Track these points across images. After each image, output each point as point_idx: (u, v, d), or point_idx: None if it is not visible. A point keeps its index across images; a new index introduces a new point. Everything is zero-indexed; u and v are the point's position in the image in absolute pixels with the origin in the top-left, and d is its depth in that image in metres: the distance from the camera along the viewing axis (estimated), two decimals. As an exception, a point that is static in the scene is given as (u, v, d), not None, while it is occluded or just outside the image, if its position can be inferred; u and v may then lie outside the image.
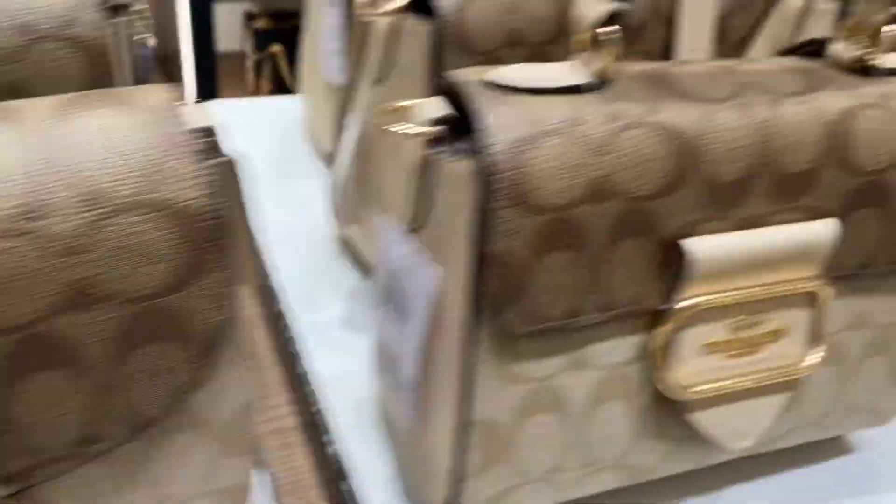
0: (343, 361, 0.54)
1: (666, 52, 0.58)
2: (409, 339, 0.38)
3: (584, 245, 0.36)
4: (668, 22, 0.57)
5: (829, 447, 0.52)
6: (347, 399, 0.52)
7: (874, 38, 0.40)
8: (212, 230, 0.28)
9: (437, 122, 0.34)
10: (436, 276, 0.36)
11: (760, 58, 0.41)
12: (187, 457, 0.33)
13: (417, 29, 0.49)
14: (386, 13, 0.48)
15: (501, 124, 0.34)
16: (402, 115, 0.36)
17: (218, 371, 0.32)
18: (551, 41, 0.52)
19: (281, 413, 0.61)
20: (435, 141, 0.34)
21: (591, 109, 0.35)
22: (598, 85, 0.36)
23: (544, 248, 0.35)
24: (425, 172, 0.35)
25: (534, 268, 0.35)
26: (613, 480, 0.42)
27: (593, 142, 0.35)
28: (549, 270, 0.35)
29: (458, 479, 0.39)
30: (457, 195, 0.35)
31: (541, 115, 0.34)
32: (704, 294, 0.38)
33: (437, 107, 0.35)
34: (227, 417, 0.33)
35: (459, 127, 0.35)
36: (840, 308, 0.43)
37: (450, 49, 0.49)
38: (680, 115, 0.36)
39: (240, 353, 0.33)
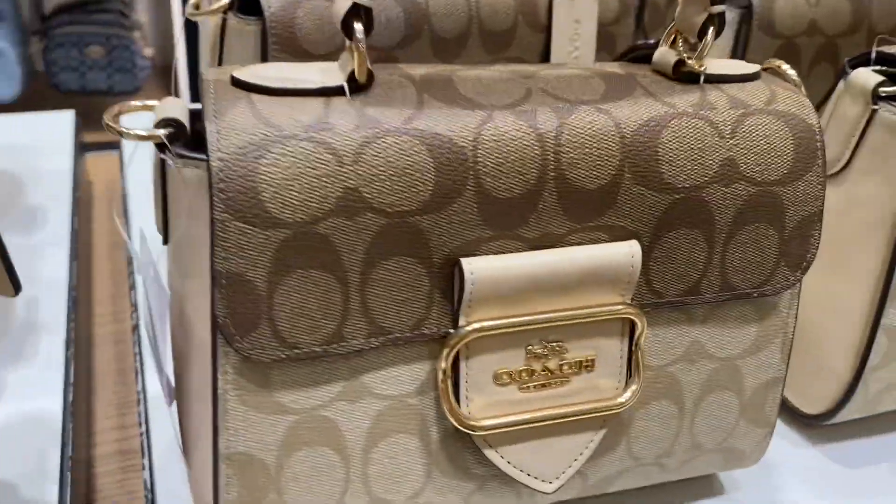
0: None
1: (545, 60, 0.55)
2: (162, 365, 0.35)
3: (338, 264, 0.32)
4: (544, 29, 0.54)
5: (698, 488, 0.48)
6: (169, 421, 0.49)
7: (695, 40, 0.37)
8: None
9: (167, 122, 0.31)
10: (166, 296, 0.33)
11: (570, 62, 0.37)
12: None
13: (243, 29, 0.46)
14: (211, 12, 0.46)
15: (233, 127, 0.31)
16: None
17: None
18: (399, 45, 0.49)
19: (131, 434, 0.58)
20: (166, 145, 0.31)
21: (339, 114, 0.32)
22: (358, 88, 0.33)
23: (286, 267, 0.31)
24: (161, 180, 0.32)
25: (274, 288, 0.32)
26: (411, 522, 0.38)
27: (339, 150, 0.31)
28: (294, 292, 0.32)
29: (216, 516, 0.35)
30: (190, 206, 0.32)
31: (281, 119, 0.31)
32: (488, 319, 0.35)
33: (175, 107, 0.32)
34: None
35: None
36: (670, 338, 0.39)
37: (279, 51, 0.46)
38: (446, 123, 0.33)
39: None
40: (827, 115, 0.48)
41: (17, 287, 0.36)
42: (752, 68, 0.39)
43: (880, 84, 0.44)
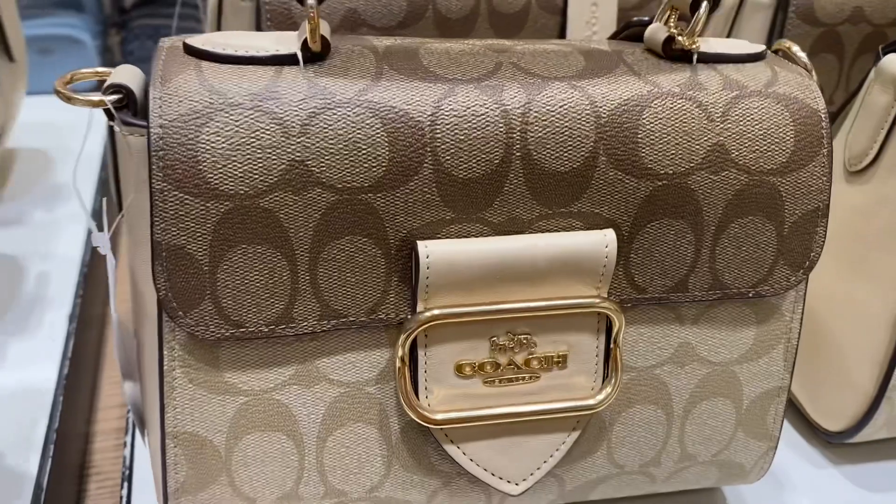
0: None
1: (560, 45, 0.53)
2: (120, 341, 0.35)
3: (285, 240, 0.31)
4: (560, 11, 0.52)
5: (697, 502, 0.45)
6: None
7: (687, 17, 0.34)
8: None
9: (116, 88, 0.30)
10: (112, 266, 0.32)
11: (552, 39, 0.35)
12: None
13: (239, 6, 0.45)
14: (206, -12, 0.45)
15: (176, 93, 0.30)
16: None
17: None
18: (400, 25, 0.48)
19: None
20: (110, 112, 0.30)
21: (289, 84, 0.30)
22: (314, 57, 0.31)
23: (228, 241, 0.30)
24: (112, 147, 0.32)
25: (217, 263, 0.30)
26: (372, 516, 0.37)
27: (286, 120, 0.30)
28: (238, 268, 0.31)
29: (164, 496, 0.34)
30: (137, 174, 0.31)
31: (227, 86, 0.30)
32: (448, 306, 0.33)
33: (128, 74, 0.31)
34: None
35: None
36: (657, 338, 0.36)
37: (273, 28, 0.45)
38: (403, 96, 0.31)
39: None
40: (857, 105, 0.44)
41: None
42: (756, 48, 0.36)
43: (912, 71, 0.40)
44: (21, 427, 0.46)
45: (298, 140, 0.30)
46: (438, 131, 0.31)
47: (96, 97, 0.30)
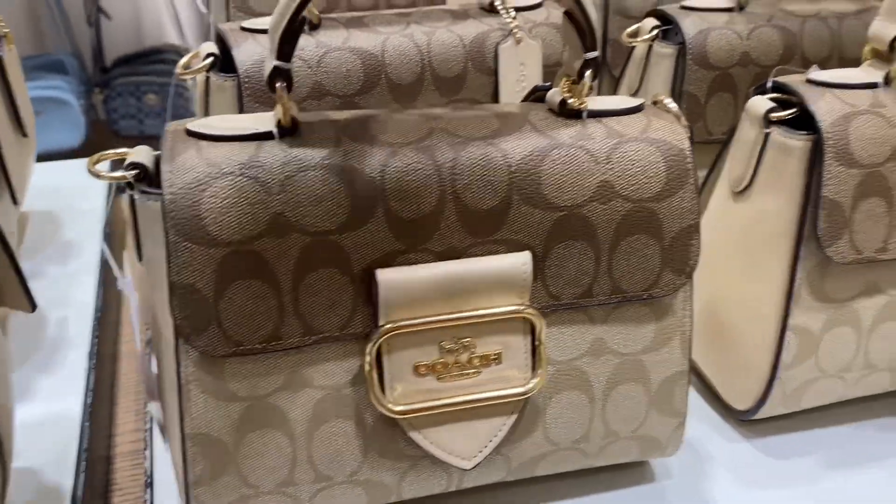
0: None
1: (495, 100, 0.62)
2: (146, 366, 0.43)
3: (271, 276, 0.40)
4: (493, 72, 0.61)
5: (630, 475, 0.53)
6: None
7: (577, 82, 0.43)
8: None
9: (134, 166, 0.39)
10: (135, 301, 0.40)
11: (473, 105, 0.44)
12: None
13: (223, 85, 0.55)
14: (195, 72, 0.54)
15: (182, 167, 0.39)
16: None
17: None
18: (359, 93, 0.57)
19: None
20: (130, 184, 0.39)
21: (268, 154, 0.39)
22: (286, 132, 0.40)
23: (227, 279, 0.39)
24: (132, 211, 0.41)
25: (219, 296, 0.39)
26: (354, 498, 0.45)
27: (268, 182, 0.39)
28: (236, 299, 0.39)
29: (186, 487, 0.43)
30: (152, 231, 0.40)
31: (220, 159, 0.39)
32: (403, 319, 0.42)
33: (143, 153, 0.40)
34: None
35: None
36: (575, 336, 0.45)
37: (252, 101, 0.54)
38: (358, 158, 0.40)
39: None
40: (735, 139, 0.54)
41: (32, 304, 0.45)
42: (635, 102, 0.45)
43: (771, 110, 0.50)
44: (55, 451, 0.54)
45: (278, 197, 0.39)
46: (387, 184, 0.40)
47: (120, 174, 0.39)
